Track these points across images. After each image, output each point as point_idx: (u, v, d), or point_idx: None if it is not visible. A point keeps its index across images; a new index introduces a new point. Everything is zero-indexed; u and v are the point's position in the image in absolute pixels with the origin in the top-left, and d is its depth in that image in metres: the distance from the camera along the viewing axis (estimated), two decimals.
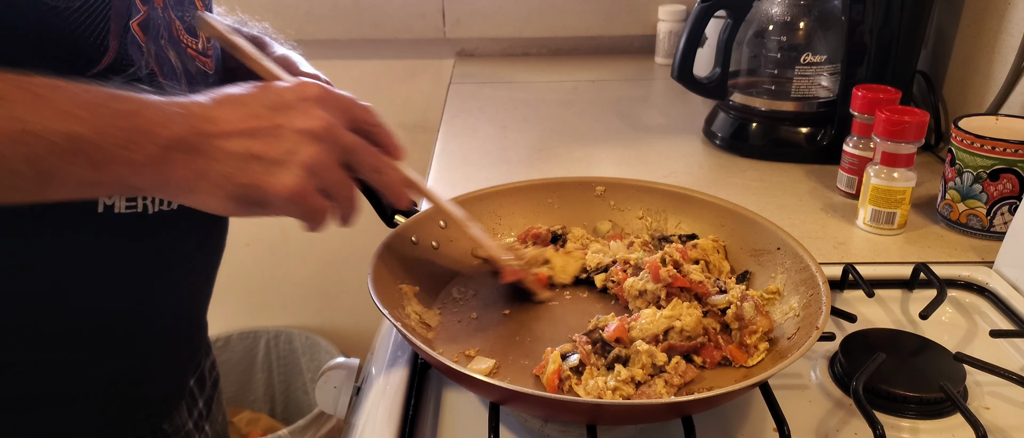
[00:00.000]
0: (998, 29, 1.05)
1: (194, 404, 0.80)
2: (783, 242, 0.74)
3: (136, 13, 0.61)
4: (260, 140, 0.53)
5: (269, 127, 0.54)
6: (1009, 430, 0.63)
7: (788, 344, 0.65)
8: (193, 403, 0.80)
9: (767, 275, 0.74)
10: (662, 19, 1.66)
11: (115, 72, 0.59)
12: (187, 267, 0.72)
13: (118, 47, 0.59)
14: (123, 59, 0.60)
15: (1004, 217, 0.90)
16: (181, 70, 0.66)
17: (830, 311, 0.64)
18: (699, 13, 1.11)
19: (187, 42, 0.68)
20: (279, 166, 0.53)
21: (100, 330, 0.66)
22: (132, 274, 0.66)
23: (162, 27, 0.64)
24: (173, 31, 0.66)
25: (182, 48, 0.67)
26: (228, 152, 0.53)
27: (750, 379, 0.56)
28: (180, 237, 0.69)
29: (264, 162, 0.53)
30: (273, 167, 0.53)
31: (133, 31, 0.61)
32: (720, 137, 1.20)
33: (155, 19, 0.63)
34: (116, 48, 0.59)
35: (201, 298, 0.77)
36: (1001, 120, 0.94)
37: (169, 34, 0.65)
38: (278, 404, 1.96)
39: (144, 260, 0.66)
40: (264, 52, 0.86)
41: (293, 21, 1.68)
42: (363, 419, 0.66)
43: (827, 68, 1.12)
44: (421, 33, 1.71)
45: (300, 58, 0.84)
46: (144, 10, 0.62)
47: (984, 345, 0.73)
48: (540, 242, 0.81)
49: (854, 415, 0.63)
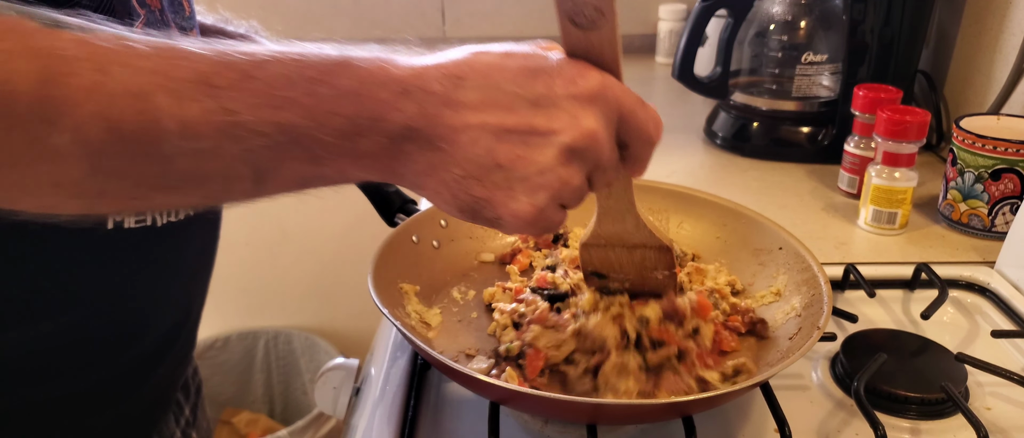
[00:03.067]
0: (999, 29, 1.05)
1: (181, 412, 0.79)
2: (785, 242, 0.74)
3: (136, 17, 0.54)
4: (509, 146, 0.43)
5: (524, 130, 0.43)
6: (1010, 431, 0.62)
7: (789, 344, 0.64)
8: (180, 411, 0.78)
9: (769, 275, 0.73)
10: (663, 18, 1.65)
11: None
12: (189, 273, 0.71)
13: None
14: None
15: (1006, 217, 0.89)
16: None
17: (832, 311, 0.63)
18: (700, 12, 1.11)
19: None
20: (523, 184, 0.44)
21: (102, 342, 0.63)
22: (139, 285, 0.64)
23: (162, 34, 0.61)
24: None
25: None
26: (468, 154, 0.43)
27: (751, 379, 0.56)
28: (185, 242, 0.65)
29: (508, 175, 0.44)
30: (516, 184, 0.44)
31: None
32: (721, 137, 1.20)
33: (154, 25, 0.57)
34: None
35: (198, 303, 0.76)
36: (1002, 120, 0.93)
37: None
38: (277, 405, 1.96)
39: (151, 271, 0.64)
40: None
41: (293, 20, 1.68)
42: (363, 420, 0.66)
43: (828, 67, 1.12)
44: (421, 32, 1.71)
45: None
46: (143, 14, 0.55)
47: (985, 345, 0.73)
48: (542, 244, 0.80)
49: (855, 415, 0.63)
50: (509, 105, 0.43)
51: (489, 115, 0.43)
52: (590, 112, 0.44)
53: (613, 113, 0.46)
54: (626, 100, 0.46)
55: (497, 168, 0.43)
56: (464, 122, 0.42)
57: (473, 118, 0.43)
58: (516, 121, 0.43)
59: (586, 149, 0.45)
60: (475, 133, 0.43)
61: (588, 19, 0.45)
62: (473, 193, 0.44)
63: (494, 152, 0.43)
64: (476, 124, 0.43)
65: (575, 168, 0.45)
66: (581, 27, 0.45)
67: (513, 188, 0.44)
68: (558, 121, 0.44)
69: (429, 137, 0.42)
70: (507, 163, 0.43)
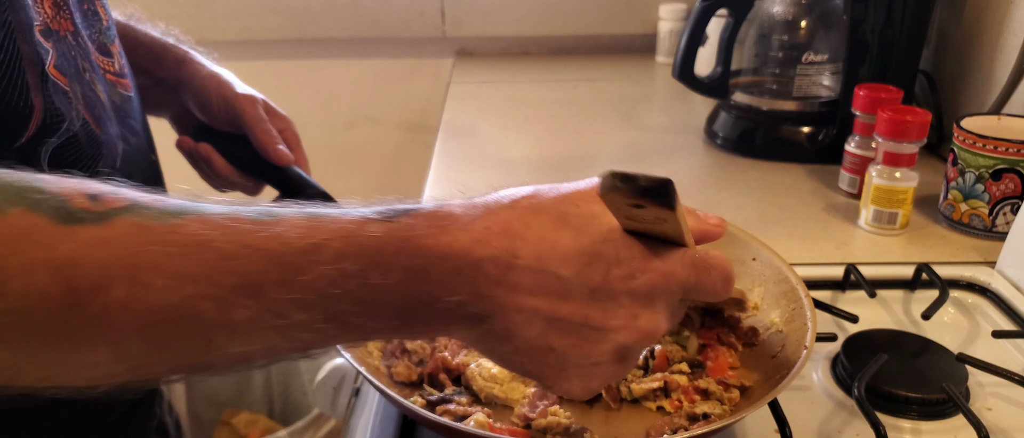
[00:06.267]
0: (1000, 28, 1.04)
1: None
2: (758, 253, 0.71)
3: (47, 55, 0.50)
4: (563, 334, 0.41)
5: (579, 322, 0.41)
6: (1011, 431, 0.62)
7: (774, 362, 0.62)
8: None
9: (743, 287, 0.71)
10: (663, 18, 1.65)
11: (46, 135, 0.49)
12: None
13: (44, 103, 0.49)
14: (52, 116, 0.50)
15: (1006, 217, 0.89)
16: (109, 105, 0.58)
17: (816, 327, 0.60)
18: (700, 12, 1.11)
19: (106, 67, 0.58)
20: (576, 369, 0.42)
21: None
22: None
23: (80, 58, 0.55)
24: (93, 59, 0.56)
25: (102, 75, 0.58)
26: (522, 334, 0.41)
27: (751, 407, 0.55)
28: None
29: (561, 359, 0.42)
30: (570, 368, 0.42)
31: (53, 78, 0.51)
32: (721, 137, 1.19)
33: (68, 53, 0.53)
34: (42, 105, 0.49)
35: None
36: (1003, 120, 0.93)
37: (90, 63, 0.56)
38: (277, 405, 1.95)
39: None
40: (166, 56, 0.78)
41: (292, 20, 1.68)
42: (362, 420, 0.66)
43: (829, 67, 1.12)
44: (420, 32, 1.71)
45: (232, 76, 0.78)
46: (51, 47, 0.51)
47: (986, 346, 0.73)
48: None
49: (856, 416, 0.62)
50: (564, 293, 0.40)
51: (543, 302, 0.40)
52: (648, 309, 0.42)
53: (676, 295, 0.44)
54: (689, 280, 0.43)
55: (550, 351, 0.41)
56: (517, 305, 0.40)
57: (527, 302, 0.40)
58: (570, 311, 0.41)
59: (641, 345, 0.43)
60: (528, 316, 0.40)
61: (647, 222, 0.41)
62: (524, 367, 0.43)
63: (547, 336, 0.41)
64: (529, 308, 0.40)
65: (630, 360, 0.44)
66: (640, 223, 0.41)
67: (566, 370, 0.42)
68: (615, 319, 0.41)
69: (481, 316, 0.40)
70: (560, 349, 0.41)
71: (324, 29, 1.68)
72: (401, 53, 1.75)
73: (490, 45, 1.75)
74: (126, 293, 0.34)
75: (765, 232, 0.79)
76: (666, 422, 0.58)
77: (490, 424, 0.56)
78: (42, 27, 0.51)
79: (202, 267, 0.36)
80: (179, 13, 1.62)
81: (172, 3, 1.62)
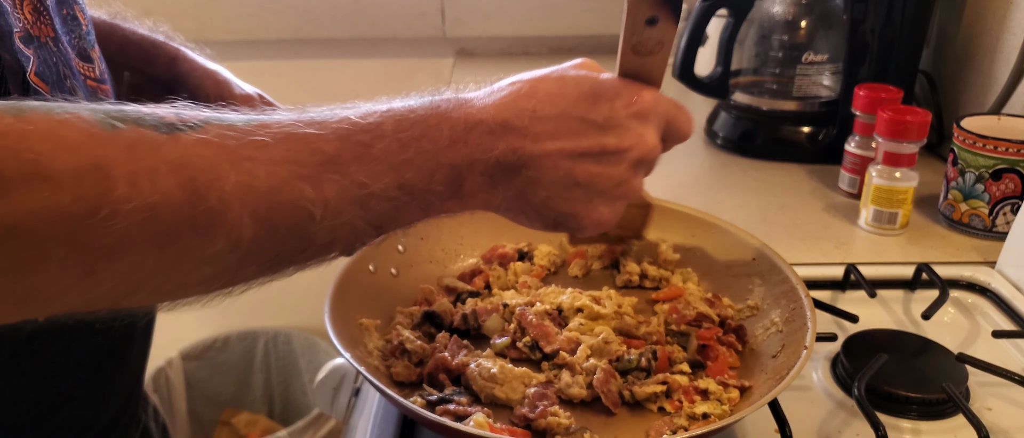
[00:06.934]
0: (1000, 28, 1.04)
1: None
2: (758, 252, 0.71)
3: (28, 63, 0.50)
4: (585, 166, 0.49)
5: (596, 151, 0.49)
6: (1011, 431, 0.62)
7: (774, 362, 0.63)
8: None
9: (743, 288, 0.71)
10: None
11: None
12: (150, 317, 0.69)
13: None
14: None
15: (1006, 217, 0.89)
16: None
17: (816, 327, 0.61)
18: (700, 12, 1.11)
19: (86, 72, 0.58)
20: (602, 197, 0.51)
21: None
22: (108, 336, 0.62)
23: (62, 66, 0.54)
24: (74, 66, 0.56)
25: (83, 81, 0.57)
26: (550, 178, 0.49)
27: (750, 407, 0.55)
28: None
29: (586, 191, 0.50)
30: (596, 198, 0.51)
31: (34, 85, 0.51)
32: (721, 137, 1.19)
33: (49, 60, 0.53)
34: None
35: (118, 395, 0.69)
36: (1003, 120, 0.93)
37: (71, 70, 0.55)
38: (277, 405, 1.96)
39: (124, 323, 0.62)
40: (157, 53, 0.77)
41: (291, 20, 1.67)
42: (362, 420, 0.66)
43: (829, 67, 1.12)
44: (420, 32, 1.71)
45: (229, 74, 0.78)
46: (32, 54, 0.51)
47: (986, 346, 0.73)
48: (506, 262, 0.76)
49: (856, 416, 0.62)
50: (580, 130, 0.49)
51: (565, 142, 0.49)
52: (649, 127, 0.51)
53: (663, 123, 0.53)
54: (671, 110, 0.53)
55: (577, 186, 0.50)
56: (544, 150, 0.48)
57: (551, 146, 0.48)
58: (589, 144, 0.49)
59: (649, 158, 0.52)
60: (555, 159, 0.48)
61: (648, 49, 0.52)
62: (558, 209, 0.50)
63: (573, 173, 0.49)
64: (554, 151, 0.48)
65: (641, 175, 0.53)
66: (641, 54, 0.52)
67: (593, 201, 0.51)
68: (627, 139, 0.50)
69: (516, 167, 0.48)
70: (585, 181, 0.50)
71: (324, 29, 1.68)
72: (401, 53, 1.75)
73: (490, 45, 1.75)
74: (236, 181, 0.39)
75: (765, 232, 0.79)
76: (666, 422, 0.58)
77: (490, 424, 0.56)
78: (22, 33, 0.51)
79: (290, 152, 0.41)
80: (179, 13, 1.62)
81: (172, 3, 1.62)
